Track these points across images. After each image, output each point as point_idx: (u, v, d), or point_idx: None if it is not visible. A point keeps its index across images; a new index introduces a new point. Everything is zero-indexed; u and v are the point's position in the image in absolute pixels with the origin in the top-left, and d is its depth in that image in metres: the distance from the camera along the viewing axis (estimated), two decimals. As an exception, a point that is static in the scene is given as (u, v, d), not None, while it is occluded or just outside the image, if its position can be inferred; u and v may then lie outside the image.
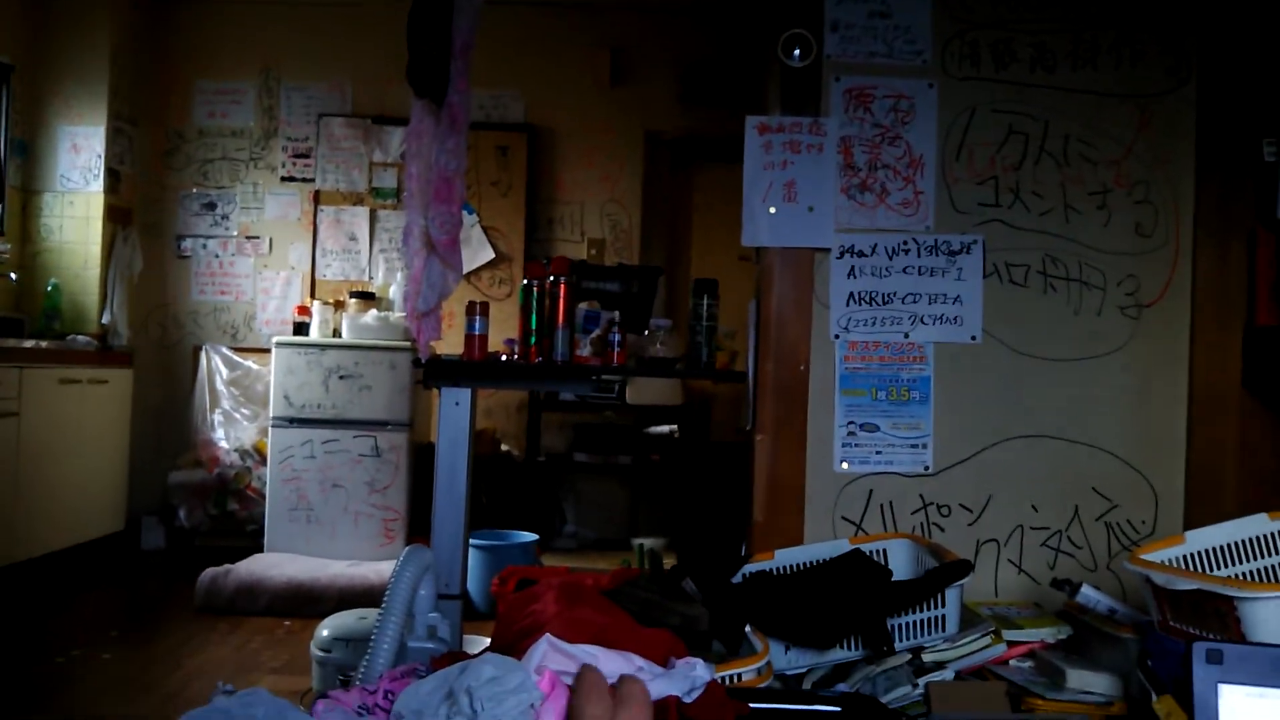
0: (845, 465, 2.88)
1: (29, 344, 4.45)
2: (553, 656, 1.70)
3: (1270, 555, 2.30)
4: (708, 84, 5.58)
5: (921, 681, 2.26)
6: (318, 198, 5.63)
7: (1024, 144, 2.90)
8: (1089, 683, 2.27)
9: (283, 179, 5.67)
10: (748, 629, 2.27)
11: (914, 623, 2.34)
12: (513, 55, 5.57)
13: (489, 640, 2.21)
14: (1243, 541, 2.30)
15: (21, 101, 5.04)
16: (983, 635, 2.38)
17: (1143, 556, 2.23)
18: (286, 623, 3.96)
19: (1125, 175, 2.90)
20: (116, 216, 5.26)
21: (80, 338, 4.88)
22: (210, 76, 5.67)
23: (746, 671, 2.04)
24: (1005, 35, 2.90)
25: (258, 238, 5.65)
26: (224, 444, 5.18)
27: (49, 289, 4.98)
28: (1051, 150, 2.90)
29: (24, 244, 5.10)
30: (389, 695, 1.67)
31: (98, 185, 5.14)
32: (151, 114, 5.59)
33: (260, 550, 4.68)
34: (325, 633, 2.99)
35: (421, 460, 4.81)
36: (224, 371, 5.39)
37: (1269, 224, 2.62)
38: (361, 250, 5.61)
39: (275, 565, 4.32)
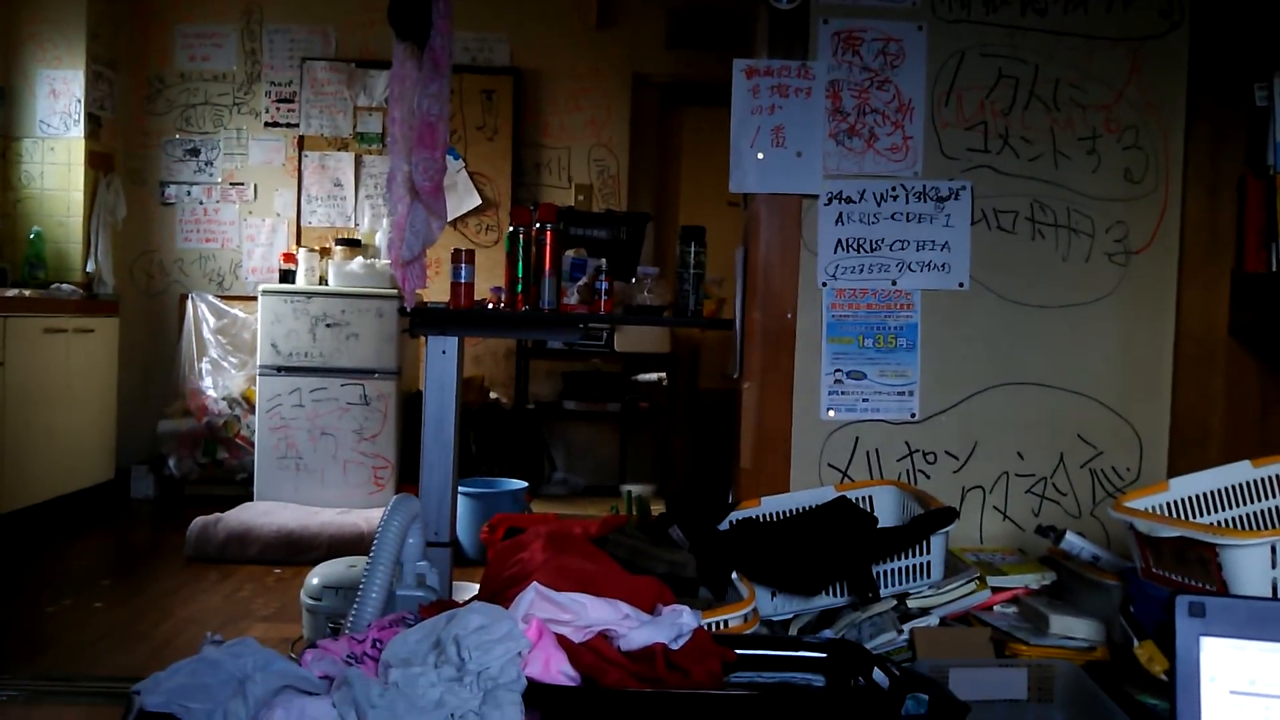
0: (832, 413, 2.88)
1: (12, 293, 4.42)
2: (540, 605, 1.71)
3: (1252, 502, 2.32)
4: (696, 26, 5.51)
5: (906, 627, 2.28)
6: (302, 143, 5.56)
7: (1014, 88, 2.87)
8: (1072, 628, 2.30)
9: (266, 124, 5.59)
10: (734, 576, 2.28)
11: (899, 569, 2.36)
12: (498, -3, 5.49)
13: (478, 587, 2.22)
14: (1226, 489, 2.32)
15: (-3, 45, 4.96)
16: (967, 581, 2.40)
17: (1126, 504, 2.24)
18: (277, 570, 3.98)
19: (1115, 120, 2.88)
20: (98, 163, 5.20)
21: (65, 286, 4.84)
22: (191, 19, 5.57)
23: (733, 618, 2.06)
24: (997, -23, 2.86)
25: (242, 184, 5.59)
26: (212, 392, 5.17)
27: (31, 237, 4.92)
28: (1041, 95, 2.87)
29: (4, 191, 5.04)
30: (377, 644, 1.68)
31: (78, 131, 5.06)
32: (131, 58, 5.50)
33: (250, 498, 4.69)
34: (315, 581, 3.01)
35: (410, 408, 4.81)
36: (211, 320, 5.36)
37: (1259, 170, 2.60)
38: (347, 196, 5.55)
39: (265, 513, 4.33)
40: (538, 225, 2.94)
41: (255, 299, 4.91)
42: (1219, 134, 2.77)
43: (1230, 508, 2.32)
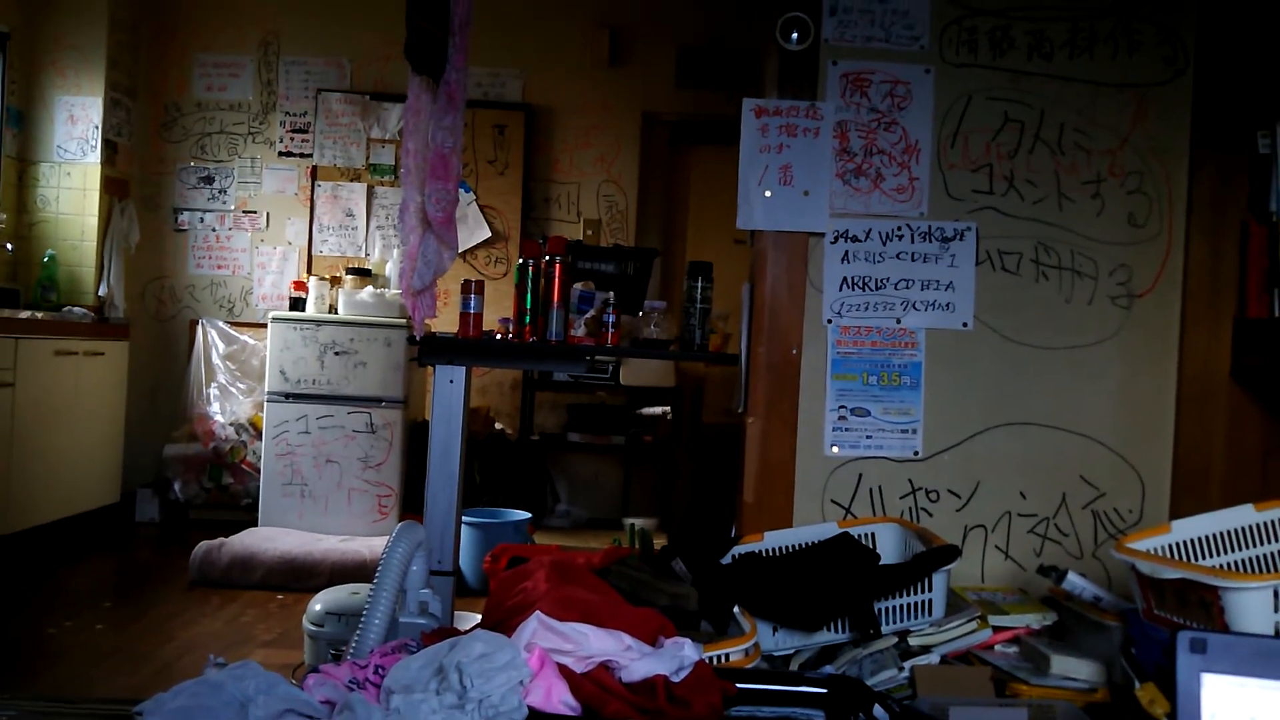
0: (835, 449, 2.90)
1: (25, 315, 4.45)
2: (543, 634, 1.72)
3: (1255, 546, 2.32)
4: (705, 66, 5.58)
5: (907, 665, 2.28)
6: (315, 173, 5.62)
7: (1019, 132, 2.91)
8: (1073, 669, 2.30)
9: (280, 154, 5.66)
10: (736, 610, 2.29)
11: (901, 606, 2.37)
12: (511, 33, 5.56)
13: (480, 617, 2.23)
14: (1228, 532, 2.33)
15: (18, 70, 5.02)
16: (969, 620, 2.40)
17: (1128, 545, 2.25)
18: (279, 596, 3.98)
19: (1120, 165, 2.91)
20: (113, 188, 5.25)
21: (76, 309, 4.88)
22: (209, 49, 5.65)
23: (734, 652, 2.07)
24: (1003, 22, 2.90)
25: (255, 212, 5.65)
26: (219, 418, 5.19)
27: (45, 260, 4.97)
28: (1047, 139, 2.91)
29: (20, 214, 5.09)
30: (380, 670, 1.69)
31: (95, 156, 5.13)
32: (149, 86, 5.58)
33: (254, 524, 4.70)
34: (318, 607, 3.01)
35: (415, 437, 4.83)
36: (220, 345, 5.40)
37: (1262, 216, 2.63)
38: (358, 227, 5.60)
39: (269, 539, 4.34)
40: (547, 258, 2.97)
41: (265, 326, 4.95)
42: (1222, 180, 2.80)
43: (1232, 551, 2.32)
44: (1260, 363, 2.61)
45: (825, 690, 1.82)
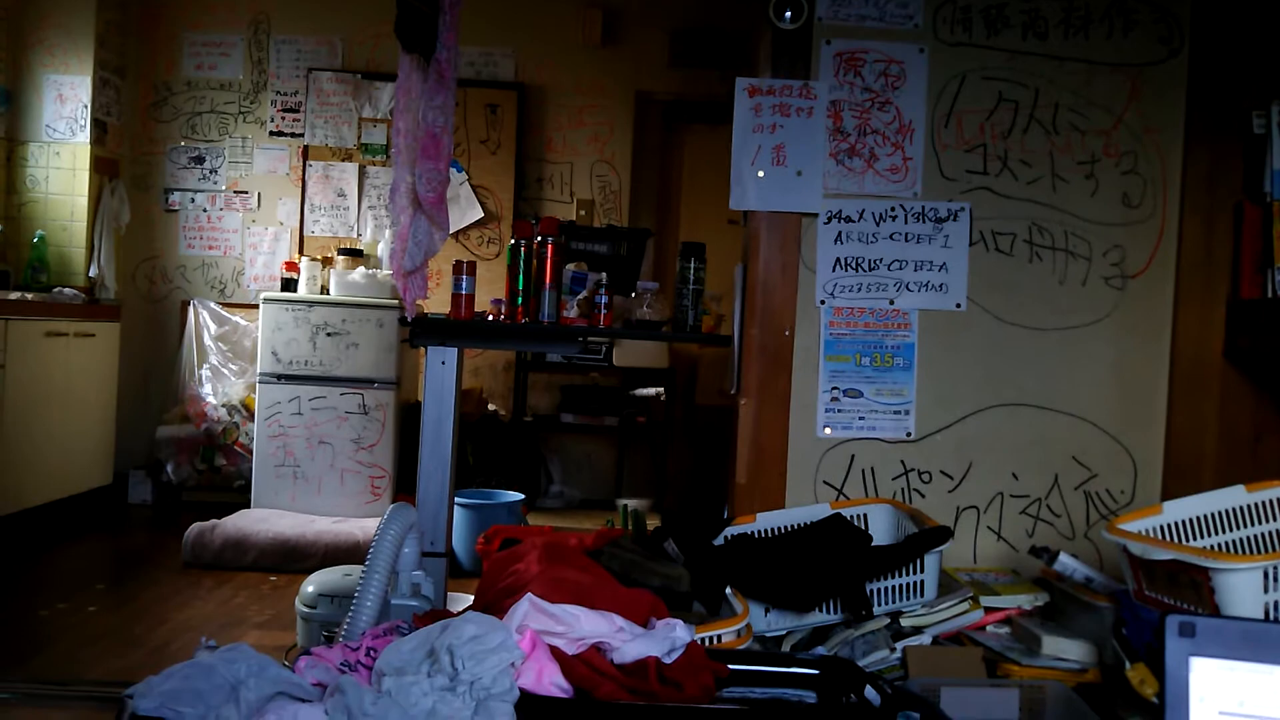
0: (828, 430, 2.90)
1: (14, 296, 4.43)
2: (534, 616, 1.72)
3: (1246, 527, 2.33)
4: (699, 45, 5.55)
5: (899, 646, 2.29)
6: (306, 153, 5.58)
7: (1014, 112, 2.90)
8: (1064, 649, 2.31)
9: (271, 134, 5.62)
10: (728, 591, 2.29)
11: (893, 587, 2.37)
12: (504, 12, 5.51)
13: (472, 598, 2.23)
14: (1219, 513, 2.33)
15: (5, 49, 4.98)
16: (960, 601, 2.41)
17: (1120, 526, 2.25)
18: (272, 578, 3.98)
19: (1114, 145, 2.90)
20: (103, 168, 5.22)
21: (67, 290, 4.85)
22: (198, 27, 5.60)
23: (726, 633, 2.07)
24: (998, 1, 2.89)
25: (246, 192, 5.61)
26: (211, 399, 5.17)
27: (35, 240, 4.94)
28: (1041, 119, 2.90)
29: (9, 195, 5.06)
30: (371, 652, 1.69)
31: (84, 136, 5.09)
32: (138, 65, 5.53)
33: (247, 505, 4.69)
34: (310, 589, 3.01)
35: (408, 419, 4.82)
36: (212, 327, 5.37)
37: (1256, 197, 2.62)
38: (350, 207, 5.58)
39: (262, 521, 4.33)
40: (539, 238, 2.95)
41: (257, 307, 4.93)
42: (1216, 160, 2.79)
43: (1223, 532, 2.33)
44: (1253, 344, 2.61)
45: (817, 671, 1.82)
